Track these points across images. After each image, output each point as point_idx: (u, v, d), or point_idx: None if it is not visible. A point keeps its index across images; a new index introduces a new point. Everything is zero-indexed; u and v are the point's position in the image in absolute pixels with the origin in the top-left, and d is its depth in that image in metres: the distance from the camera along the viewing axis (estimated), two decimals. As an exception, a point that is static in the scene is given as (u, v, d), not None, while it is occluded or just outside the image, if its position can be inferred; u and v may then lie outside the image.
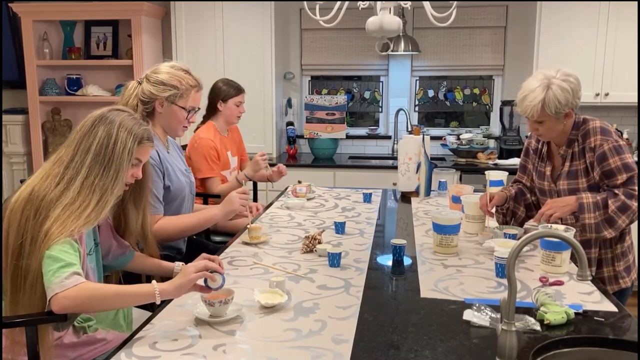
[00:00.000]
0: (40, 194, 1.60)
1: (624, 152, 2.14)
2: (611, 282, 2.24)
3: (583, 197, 2.15)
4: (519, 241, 1.31)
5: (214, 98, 3.26)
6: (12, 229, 1.59)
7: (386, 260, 2.14)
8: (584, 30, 4.08)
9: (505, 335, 1.31)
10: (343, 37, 4.80)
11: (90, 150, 1.66)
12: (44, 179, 1.64)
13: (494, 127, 4.79)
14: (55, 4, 4.50)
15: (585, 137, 2.20)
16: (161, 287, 1.55)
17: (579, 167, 2.23)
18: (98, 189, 1.64)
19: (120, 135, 1.68)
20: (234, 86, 3.28)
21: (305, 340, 1.46)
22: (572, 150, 2.25)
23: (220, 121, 3.29)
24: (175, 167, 2.35)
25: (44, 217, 1.56)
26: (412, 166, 3.16)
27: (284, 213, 2.86)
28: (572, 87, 2.14)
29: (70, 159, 1.66)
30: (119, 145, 1.67)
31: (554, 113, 2.13)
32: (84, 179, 1.63)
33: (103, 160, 1.66)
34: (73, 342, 1.68)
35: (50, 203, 1.58)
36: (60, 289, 1.47)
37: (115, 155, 1.67)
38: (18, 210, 1.60)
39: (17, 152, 4.76)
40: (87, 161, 1.65)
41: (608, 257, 2.24)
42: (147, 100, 2.22)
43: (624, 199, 2.10)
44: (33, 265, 1.54)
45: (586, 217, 2.13)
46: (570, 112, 2.17)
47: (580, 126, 2.23)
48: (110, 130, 1.68)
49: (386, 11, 2.71)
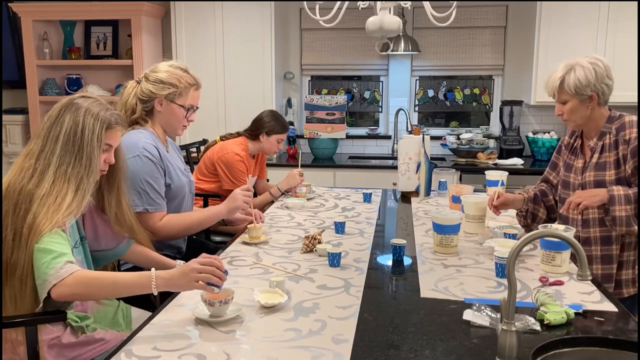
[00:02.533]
0: (16, 188, 1.59)
1: None
2: (628, 285, 2.18)
3: (614, 189, 2.09)
4: (519, 241, 1.31)
5: (258, 128, 3.25)
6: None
7: (386, 260, 2.14)
8: (584, 30, 4.09)
9: (505, 335, 1.31)
10: (343, 37, 4.80)
11: (59, 139, 1.65)
12: (18, 173, 1.63)
13: (494, 127, 4.79)
14: (55, 4, 4.50)
15: (620, 129, 2.16)
16: (159, 281, 1.53)
17: (608, 160, 2.18)
18: (73, 178, 1.63)
19: (88, 122, 1.67)
20: (281, 123, 3.27)
21: (305, 340, 1.46)
22: (603, 143, 2.20)
23: (255, 147, 3.29)
24: (175, 166, 2.35)
25: (25, 211, 1.56)
26: (412, 166, 3.16)
27: (284, 213, 2.86)
28: (597, 69, 2.12)
29: (40, 150, 1.65)
30: (87, 132, 1.66)
31: (574, 92, 2.13)
32: (56, 169, 1.63)
33: (73, 148, 1.64)
34: (71, 342, 1.68)
35: (27, 196, 1.58)
36: (56, 279, 1.48)
37: (85, 142, 1.65)
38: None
39: (17, 152, 4.76)
40: (57, 150, 1.64)
41: (630, 260, 2.18)
42: (146, 99, 2.22)
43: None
44: (21, 260, 1.54)
45: (617, 210, 2.07)
46: (594, 96, 2.14)
47: (615, 120, 2.19)
48: (76, 117, 1.67)
49: (386, 11, 2.71)
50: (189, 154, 3.92)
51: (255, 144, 3.27)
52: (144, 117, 2.27)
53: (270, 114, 3.29)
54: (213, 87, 4.45)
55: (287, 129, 3.32)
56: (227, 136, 3.33)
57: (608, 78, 2.16)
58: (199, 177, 3.21)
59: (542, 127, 4.62)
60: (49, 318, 1.60)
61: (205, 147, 3.39)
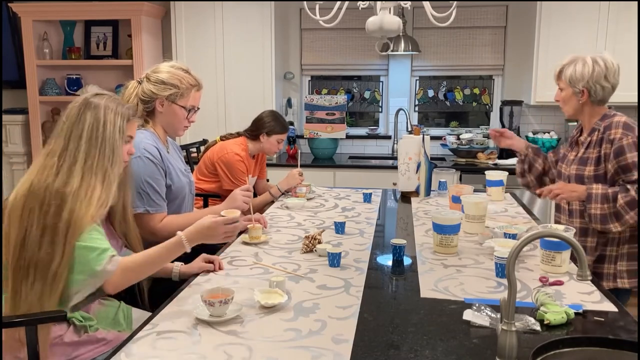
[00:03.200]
0: (41, 186, 1.62)
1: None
2: (609, 279, 2.25)
3: (593, 187, 2.18)
4: (519, 241, 1.31)
5: (258, 128, 3.25)
6: (13, 225, 1.61)
7: (386, 260, 2.14)
8: (584, 30, 4.09)
9: (505, 335, 1.31)
10: (343, 37, 4.80)
11: (82, 136, 1.70)
12: (40, 172, 1.66)
13: (494, 127, 4.79)
14: (55, 4, 4.50)
15: (607, 128, 2.23)
16: (189, 237, 1.72)
17: (591, 156, 2.26)
18: (99, 171, 1.69)
19: (109, 117, 1.73)
20: (281, 124, 3.26)
21: (305, 340, 1.46)
22: (591, 139, 2.28)
23: (255, 147, 3.29)
24: (175, 167, 2.36)
25: (57, 207, 1.60)
26: (412, 166, 3.16)
27: (283, 213, 2.86)
28: (596, 68, 2.23)
29: (64, 148, 1.69)
30: (109, 125, 1.73)
31: (568, 82, 2.27)
32: (83, 164, 1.68)
33: (96, 142, 1.70)
34: (74, 340, 1.68)
35: (57, 194, 1.61)
36: (107, 275, 1.61)
37: (107, 136, 1.72)
38: (18, 206, 1.62)
39: (17, 152, 4.76)
40: (81, 147, 1.69)
41: (613, 255, 2.24)
42: (147, 99, 2.22)
43: (634, 195, 2.10)
44: (57, 255, 1.58)
45: (592, 207, 2.16)
46: (584, 91, 2.25)
47: (607, 118, 2.27)
48: (97, 114, 1.73)
49: (386, 11, 2.71)
50: (189, 154, 3.93)
51: (255, 144, 3.27)
52: (145, 118, 2.28)
53: (271, 114, 3.29)
54: (213, 87, 4.45)
55: (287, 129, 3.32)
56: (227, 136, 3.33)
57: (605, 80, 2.24)
58: (199, 177, 3.21)
59: (542, 127, 4.62)
60: (49, 318, 1.60)
61: (205, 147, 3.39)
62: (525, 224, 2.54)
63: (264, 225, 2.45)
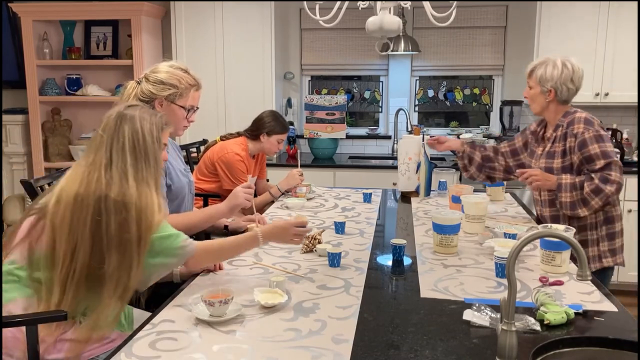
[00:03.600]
0: (91, 199, 1.65)
1: (604, 141, 2.37)
2: (595, 260, 2.44)
3: (562, 177, 2.39)
4: (519, 241, 1.31)
5: (259, 128, 3.24)
6: (61, 234, 1.64)
7: (386, 260, 2.14)
8: (584, 30, 4.09)
9: (505, 335, 1.31)
10: (343, 37, 4.80)
11: (126, 149, 1.74)
12: (85, 184, 1.68)
13: (494, 127, 4.79)
14: (55, 4, 4.50)
15: (570, 124, 2.44)
16: (264, 235, 1.90)
17: (557, 149, 2.47)
18: (150, 180, 1.76)
19: (146, 127, 1.79)
20: (281, 124, 3.26)
21: (305, 340, 1.46)
22: (556, 134, 2.49)
23: (256, 147, 3.28)
24: (175, 167, 2.36)
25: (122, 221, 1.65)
26: (412, 166, 3.16)
27: (284, 213, 2.86)
28: (565, 70, 2.43)
29: (108, 162, 1.73)
30: (148, 136, 1.78)
31: (538, 81, 2.46)
32: (135, 175, 1.73)
33: (141, 154, 1.76)
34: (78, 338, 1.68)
35: (117, 205, 1.65)
36: (188, 254, 1.75)
37: (148, 147, 1.78)
38: (65, 216, 1.65)
39: (17, 152, 4.76)
40: (128, 159, 1.74)
41: (594, 238, 2.45)
42: (146, 99, 2.22)
43: (597, 183, 2.32)
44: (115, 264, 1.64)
45: (562, 196, 2.38)
46: (552, 91, 2.44)
47: (569, 115, 2.47)
48: (134, 126, 1.78)
49: (386, 11, 2.71)
50: (189, 154, 3.92)
51: (255, 144, 3.27)
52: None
53: (271, 114, 3.29)
54: (213, 87, 4.45)
55: (287, 129, 3.32)
56: (228, 136, 3.33)
57: (571, 82, 2.44)
58: (199, 177, 3.21)
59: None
60: (49, 318, 1.60)
61: (205, 147, 3.39)
62: (525, 224, 2.54)
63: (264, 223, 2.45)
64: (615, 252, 2.46)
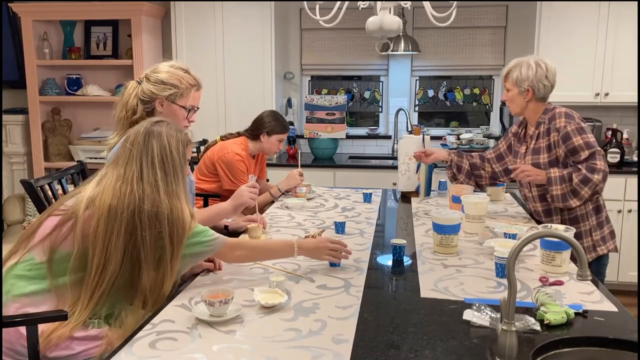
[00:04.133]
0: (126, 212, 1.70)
1: (586, 133, 2.45)
2: (590, 251, 2.52)
3: (551, 171, 2.46)
4: (519, 241, 1.31)
5: (259, 128, 3.24)
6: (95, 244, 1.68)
7: (386, 260, 2.14)
8: (584, 30, 4.09)
9: (505, 335, 1.31)
10: (343, 37, 4.80)
11: (155, 164, 1.79)
12: (118, 196, 1.72)
13: (494, 127, 4.79)
14: (55, 4, 4.50)
15: (552, 119, 2.52)
16: (299, 250, 1.95)
17: (542, 145, 2.54)
18: (181, 193, 1.82)
19: (172, 144, 1.85)
20: (281, 124, 3.26)
21: (305, 340, 1.46)
22: (539, 131, 2.56)
23: (256, 147, 3.28)
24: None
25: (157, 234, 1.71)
26: (412, 166, 3.16)
27: (283, 213, 2.86)
28: (538, 69, 2.51)
29: (139, 175, 1.77)
30: (174, 152, 1.84)
31: (515, 83, 2.55)
32: (165, 189, 1.78)
33: (169, 169, 1.82)
34: (82, 335, 1.68)
35: (151, 218, 1.71)
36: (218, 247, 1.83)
37: (176, 162, 1.84)
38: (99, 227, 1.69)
39: (17, 152, 4.76)
40: (158, 174, 1.78)
41: (587, 229, 2.53)
42: (147, 99, 2.22)
43: (585, 173, 2.39)
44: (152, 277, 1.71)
45: (553, 189, 2.45)
46: (529, 90, 2.52)
47: (549, 111, 2.56)
48: (162, 142, 1.83)
49: (386, 11, 2.71)
50: (189, 154, 3.92)
51: (255, 144, 3.27)
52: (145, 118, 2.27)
53: (271, 114, 3.29)
54: (213, 87, 4.45)
55: (287, 129, 3.32)
56: (228, 136, 3.33)
57: (546, 79, 2.53)
58: (199, 177, 3.21)
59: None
60: (49, 318, 1.60)
61: (205, 147, 3.39)
62: (525, 224, 2.54)
63: (263, 226, 2.45)
64: (605, 239, 2.54)
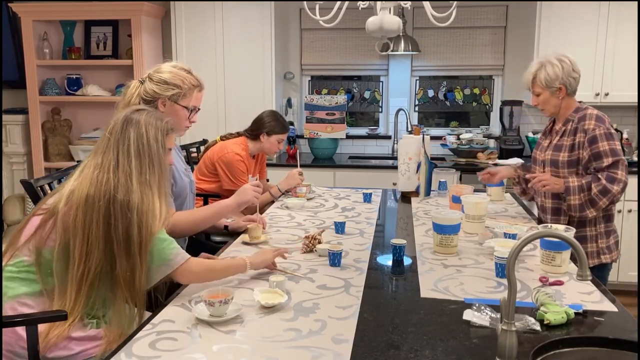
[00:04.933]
0: (102, 201, 1.68)
1: (613, 139, 2.40)
2: (593, 256, 2.48)
3: (570, 181, 2.42)
4: (519, 241, 1.31)
5: (259, 128, 3.24)
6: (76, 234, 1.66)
7: (386, 260, 2.14)
8: (584, 30, 4.09)
9: (505, 335, 1.31)
10: (343, 37, 4.80)
11: (131, 152, 1.77)
12: (96, 185, 1.71)
13: (494, 127, 4.79)
14: (55, 4, 4.50)
15: (582, 119, 2.46)
16: (252, 261, 1.89)
17: (565, 143, 2.49)
18: (154, 185, 1.78)
19: (150, 132, 1.82)
20: (281, 124, 3.26)
21: (305, 340, 1.46)
22: (566, 128, 2.50)
23: (256, 147, 3.28)
24: (177, 167, 2.36)
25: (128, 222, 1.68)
26: (412, 166, 3.16)
27: (283, 213, 2.86)
28: (564, 65, 2.46)
29: (116, 164, 1.75)
30: (152, 141, 1.81)
31: (545, 85, 2.47)
32: (139, 178, 1.75)
33: (144, 157, 1.79)
34: (80, 335, 1.68)
35: (123, 208, 1.68)
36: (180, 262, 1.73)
37: (152, 151, 1.81)
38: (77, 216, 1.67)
39: (17, 152, 4.76)
40: (132, 162, 1.76)
41: (593, 235, 2.48)
42: (149, 99, 2.22)
43: (604, 183, 2.35)
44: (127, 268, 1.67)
45: (571, 199, 2.41)
46: (562, 87, 2.46)
47: (580, 111, 2.49)
48: (139, 130, 1.81)
49: (386, 11, 2.71)
50: (189, 154, 3.92)
51: (255, 144, 3.27)
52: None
53: (271, 114, 3.29)
54: (213, 87, 4.45)
55: (287, 130, 3.32)
56: (228, 136, 3.33)
57: (574, 72, 2.48)
58: (199, 177, 3.21)
59: (542, 127, 4.57)
60: (49, 318, 1.60)
61: (205, 147, 3.39)
62: (525, 224, 2.54)
63: (263, 226, 2.45)
64: (611, 248, 2.50)
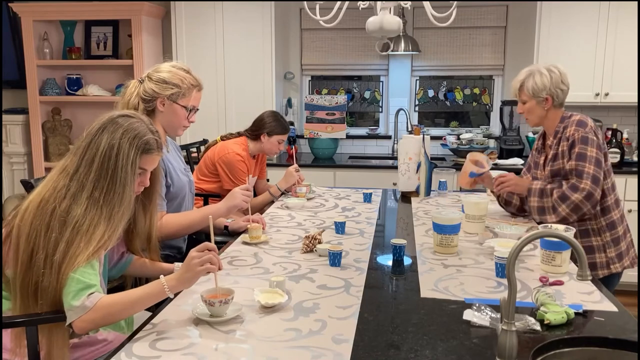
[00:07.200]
0: (49, 208, 1.53)
1: (586, 144, 2.34)
2: (602, 267, 2.42)
3: (533, 183, 2.45)
4: (519, 241, 1.31)
5: (259, 128, 3.25)
6: (22, 239, 1.54)
7: (386, 260, 2.14)
8: (584, 30, 4.09)
9: (505, 335, 1.31)
10: (343, 37, 4.80)
11: (94, 162, 1.58)
12: (52, 190, 1.57)
13: (494, 127, 4.79)
14: (55, 4, 4.50)
15: (565, 127, 2.44)
16: (170, 284, 1.55)
17: (553, 153, 2.47)
18: (105, 207, 1.56)
19: (123, 146, 1.59)
20: (282, 124, 3.27)
21: (305, 340, 1.46)
22: (555, 140, 2.48)
23: (256, 148, 3.29)
24: (175, 166, 2.36)
25: (57, 236, 1.50)
26: (412, 166, 3.16)
27: (284, 213, 2.86)
28: (553, 75, 2.44)
29: (75, 170, 1.58)
30: (121, 156, 1.59)
31: (531, 94, 2.45)
32: (90, 194, 1.56)
33: (107, 174, 1.57)
34: (75, 342, 1.68)
35: (60, 220, 1.52)
36: (81, 312, 1.46)
37: (119, 168, 1.58)
38: (27, 221, 1.54)
39: (17, 152, 4.76)
40: (91, 174, 1.57)
41: (600, 244, 2.42)
42: (148, 98, 2.22)
43: (564, 190, 2.33)
44: (46, 282, 1.49)
45: (530, 201, 2.43)
46: (549, 98, 2.44)
47: (565, 119, 2.47)
48: (112, 140, 1.59)
49: (386, 11, 2.71)
50: (189, 154, 3.93)
51: (256, 144, 3.27)
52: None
53: (272, 115, 3.30)
54: (213, 87, 4.45)
55: (288, 130, 3.32)
56: (228, 136, 3.33)
57: (562, 84, 2.45)
58: (199, 177, 3.21)
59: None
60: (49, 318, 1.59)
61: (205, 147, 3.39)
62: (525, 224, 2.54)
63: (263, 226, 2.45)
64: (621, 256, 2.43)
